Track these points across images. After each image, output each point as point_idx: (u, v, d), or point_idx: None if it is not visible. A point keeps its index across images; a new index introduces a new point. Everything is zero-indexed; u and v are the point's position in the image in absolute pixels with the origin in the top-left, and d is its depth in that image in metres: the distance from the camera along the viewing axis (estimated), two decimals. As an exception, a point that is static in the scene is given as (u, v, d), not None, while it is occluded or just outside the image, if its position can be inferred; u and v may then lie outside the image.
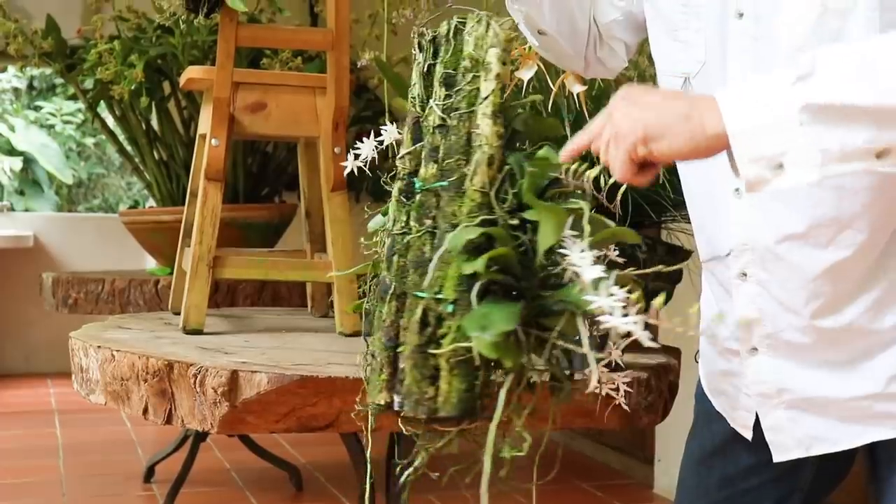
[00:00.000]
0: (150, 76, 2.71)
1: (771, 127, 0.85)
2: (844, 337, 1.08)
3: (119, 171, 7.80)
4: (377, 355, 0.95)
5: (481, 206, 0.90)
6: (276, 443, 3.57)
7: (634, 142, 0.88)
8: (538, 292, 0.87)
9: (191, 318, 1.63)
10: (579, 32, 1.27)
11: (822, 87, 0.84)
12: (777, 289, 1.09)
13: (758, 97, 0.86)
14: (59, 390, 4.75)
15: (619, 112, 0.90)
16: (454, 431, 0.91)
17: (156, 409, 1.32)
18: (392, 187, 1.01)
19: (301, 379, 1.23)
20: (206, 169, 1.68)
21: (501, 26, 0.94)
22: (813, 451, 1.14)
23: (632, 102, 0.91)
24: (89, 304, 2.60)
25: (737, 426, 1.20)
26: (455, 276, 0.87)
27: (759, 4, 1.04)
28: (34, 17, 3.11)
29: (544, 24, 1.23)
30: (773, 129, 0.85)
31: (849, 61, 0.86)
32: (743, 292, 1.11)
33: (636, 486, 3.37)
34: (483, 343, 0.82)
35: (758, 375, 1.14)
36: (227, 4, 1.64)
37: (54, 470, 3.38)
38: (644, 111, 0.89)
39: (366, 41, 2.82)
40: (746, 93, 0.87)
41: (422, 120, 1.00)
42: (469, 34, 0.97)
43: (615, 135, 0.90)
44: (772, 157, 0.85)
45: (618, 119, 0.90)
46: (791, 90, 0.85)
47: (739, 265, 1.11)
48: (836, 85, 0.85)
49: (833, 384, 1.10)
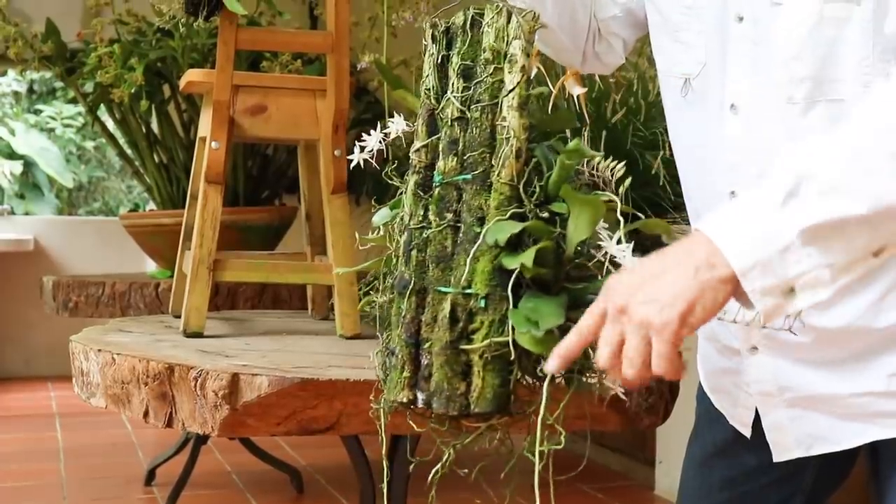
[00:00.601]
0: (150, 79, 2.71)
1: (775, 260, 0.82)
2: (844, 336, 1.08)
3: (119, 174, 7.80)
4: (398, 352, 0.93)
5: (510, 200, 0.89)
6: (276, 445, 3.57)
7: (675, 329, 0.81)
8: (564, 285, 0.86)
9: (191, 320, 1.63)
10: (579, 26, 1.27)
11: (813, 205, 0.82)
12: None
13: (753, 230, 0.83)
14: (60, 393, 4.74)
15: (634, 303, 0.82)
16: (483, 427, 0.90)
17: (156, 412, 1.32)
18: (400, 181, 1.00)
19: (302, 382, 1.23)
20: (206, 172, 1.68)
21: (524, 17, 0.94)
22: (814, 450, 1.14)
23: (638, 289, 0.83)
24: (90, 307, 2.60)
25: (736, 424, 1.20)
26: (486, 271, 0.86)
27: (758, 9, 1.05)
28: (34, 20, 3.11)
29: (546, 18, 1.23)
30: (777, 261, 0.82)
31: (836, 164, 0.83)
32: None
33: (637, 488, 3.37)
34: (529, 338, 0.81)
35: (758, 374, 1.14)
36: (227, 7, 1.64)
37: (55, 473, 3.37)
38: (659, 293, 0.82)
39: (366, 44, 2.82)
40: (740, 226, 0.84)
41: (437, 112, 0.98)
42: (489, 25, 0.96)
43: (648, 331, 0.82)
44: (783, 286, 0.83)
45: (638, 311, 0.82)
46: (783, 213, 0.83)
47: None
48: (827, 199, 0.82)
49: (834, 382, 1.10)
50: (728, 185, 1.09)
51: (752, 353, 1.14)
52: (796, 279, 0.83)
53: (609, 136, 1.60)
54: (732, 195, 1.08)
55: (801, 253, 0.82)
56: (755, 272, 0.82)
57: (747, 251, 0.82)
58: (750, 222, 0.83)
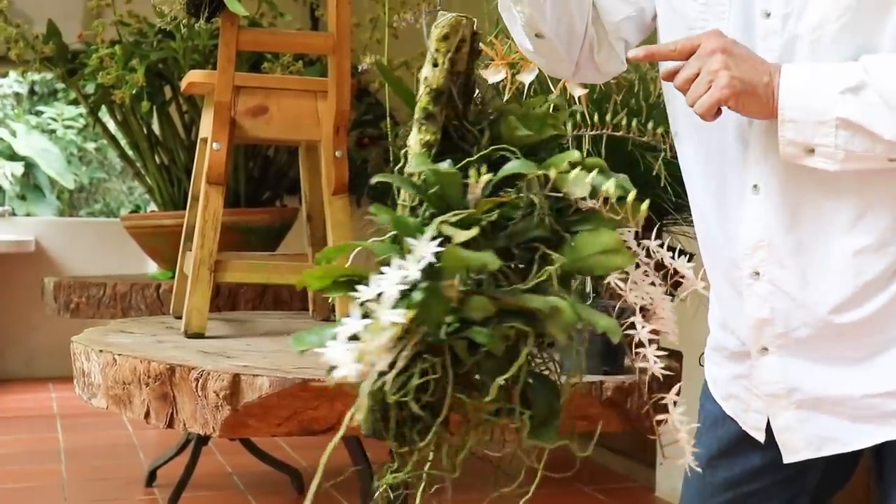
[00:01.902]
0: (152, 80, 2.71)
1: (812, 123, 1.01)
2: (861, 331, 1.08)
3: (120, 175, 7.81)
4: None
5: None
6: (277, 446, 3.57)
7: (729, 95, 1.01)
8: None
9: (192, 321, 1.63)
10: (576, 35, 1.26)
11: (860, 108, 1.00)
12: (792, 286, 1.09)
13: (812, 94, 1.01)
14: (61, 395, 4.74)
15: (717, 61, 1.01)
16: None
17: (157, 413, 1.32)
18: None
19: (303, 382, 1.23)
20: (207, 173, 1.68)
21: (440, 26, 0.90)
22: (823, 451, 1.14)
23: (730, 55, 1.02)
24: (91, 308, 2.60)
25: (749, 429, 1.20)
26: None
27: (788, 4, 1.05)
28: (35, 21, 3.12)
29: (544, 27, 1.23)
30: (813, 125, 1.01)
31: (890, 91, 0.99)
32: (755, 292, 1.11)
33: (638, 490, 3.37)
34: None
35: (768, 376, 1.14)
36: (228, 8, 1.64)
37: (56, 474, 3.38)
38: (740, 69, 1.01)
39: (367, 45, 2.82)
40: (805, 85, 1.02)
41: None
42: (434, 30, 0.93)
43: (714, 81, 1.01)
44: (806, 145, 1.02)
45: (716, 66, 1.01)
46: (837, 99, 1.00)
47: (752, 264, 1.11)
48: (871, 111, 0.99)
49: (846, 382, 1.10)
50: (753, 179, 1.09)
51: (762, 353, 1.14)
52: (818, 146, 1.01)
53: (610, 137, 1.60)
54: (755, 189, 1.09)
55: (831, 131, 1.00)
56: (792, 124, 1.02)
57: (796, 106, 1.01)
58: (812, 89, 1.01)
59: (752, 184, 1.10)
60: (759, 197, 1.09)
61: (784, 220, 1.08)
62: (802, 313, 1.09)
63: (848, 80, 1.00)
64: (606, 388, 1.33)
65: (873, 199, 1.06)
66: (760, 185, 1.09)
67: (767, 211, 1.09)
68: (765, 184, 1.09)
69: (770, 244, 1.09)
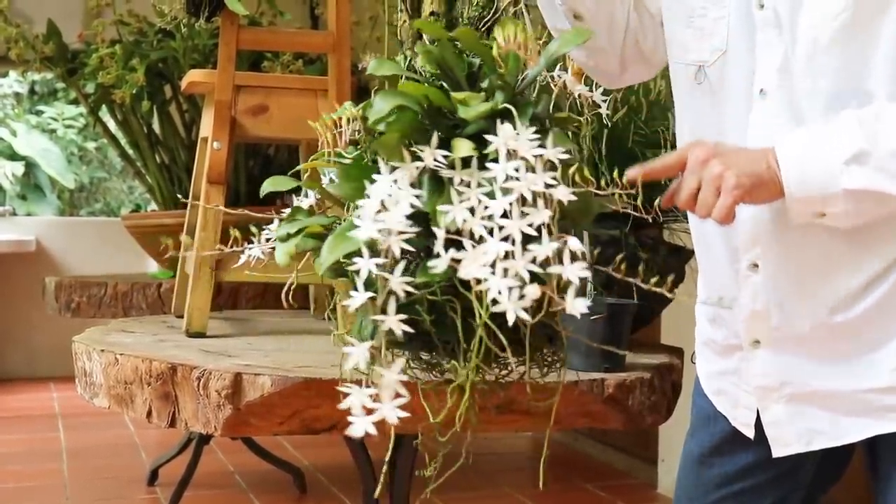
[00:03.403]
0: (152, 80, 2.71)
1: (819, 198, 1.01)
2: (857, 327, 1.08)
3: (121, 174, 7.81)
4: None
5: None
6: (279, 445, 3.57)
7: (742, 194, 1.00)
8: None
9: (194, 321, 1.63)
10: (616, 23, 1.24)
11: (867, 176, 0.99)
12: (789, 279, 1.09)
13: (813, 169, 1.00)
14: (62, 394, 4.75)
15: (715, 166, 1.00)
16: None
17: (159, 412, 1.32)
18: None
19: (304, 381, 1.23)
20: (207, 172, 1.68)
21: None
22: (814, 445, 1.14)
23: (723, 157, 1.01)
24: (92, 308, 2.60)
25: (738, 425, 1.20)
26: None
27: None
28: (35, 21, 3.11)
29: (583, 8, 1.22)
30: (821, 200, 1.01)
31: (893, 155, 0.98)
32: (751, 284, 1.11)
33: (640, 487, 3.37)
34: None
35: (760, 368, 1.14)
36: (228, 8, 1.64)
37: (58, 474, 3.38)
38: (739, 166, 1.00)
39: (367, 43, 2.82)
40: (802, 161, 1.01)
41: None
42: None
43: (722, 185, 1.00)
44: (816, 213, 1.02)
45: (717, 170, 1.00)
46: (841, 170, 0.99)
47: (750, 256, 1.11)
48: (880, 177, 0.99)
49: (837, 377, 1.10)
50: None
51: (754, 346, 1.14)
52: (828, 213, 1.02)
53: (610, 134, 1.60)
54: None
55: (839, 201, 1.00)
56: (800, 203, 1.01)
57: (800, 184, 1.00)
58: (812, 167, 1.00)
59: None
60: None
61: (781, 214, 1.08)
62: (798, 307, 1.09)
63: (848, 148, 0.99)
64: (608, 386, 1.33)
65: None
66: None
67: (766, 204, 1.09)
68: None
69: (768, 237, 1.09)
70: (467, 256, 0.78)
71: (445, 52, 0.87)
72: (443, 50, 0.88)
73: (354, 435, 0.75)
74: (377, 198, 0.80)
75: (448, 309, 0.82)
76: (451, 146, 0.82)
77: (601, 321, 1.35)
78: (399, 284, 0.78)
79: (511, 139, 0.81)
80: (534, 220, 0.79)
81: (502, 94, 0.86)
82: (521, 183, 0.79)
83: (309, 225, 0.89)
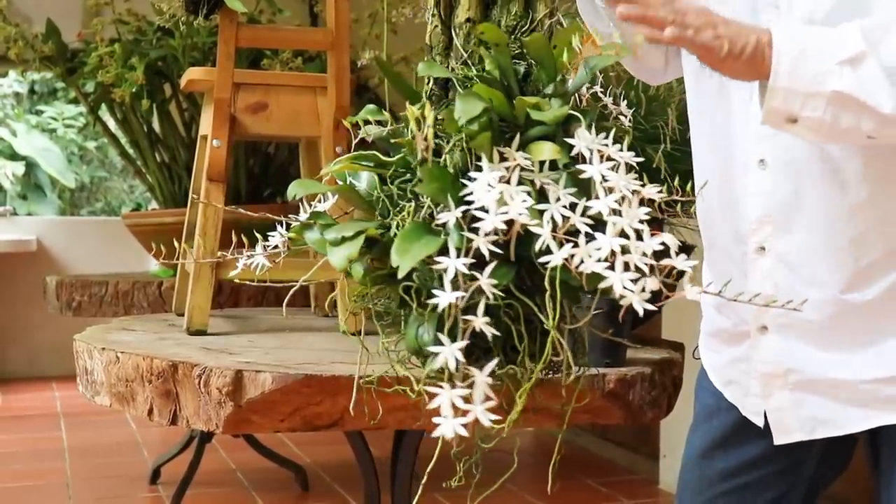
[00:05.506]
0: (151, 78, 2.71)
1: (802, 94, 0.96)
2: (865, 314, 1.08)
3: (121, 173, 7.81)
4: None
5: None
6: (281, 443, 3.58)
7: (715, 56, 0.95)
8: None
9: (194, 319, 1.63)
10: None
11: (858, 81, 0.94)
12: (798, 262, 1.09)
13: (806, 61, 0.95)
14: (64, 393, 4.75)
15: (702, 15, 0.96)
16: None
17: (161, 410, 1.33)
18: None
19: (305, 378, 1.23)
20: (207, 170, 1.68)
21: None
22: (816, 434, 1.14)
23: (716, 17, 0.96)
24: (93, 306, 2.60)
25: (749, 414, 1.20)
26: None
27: None
28: (34, 21, 3.12)
29: None
30: (802, 96, 0.96)
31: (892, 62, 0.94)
32: (759, 267, 1.11)
33: (642, 482, 3.37)
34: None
35: (766, 355, 1.14)
36: (227, 5, 1.64)
37: (60, 473, 3.38)
38: (728, 30, 0.96)
39: (366, 40, 2.82)
40: (798, 50, 0.96)
41: None
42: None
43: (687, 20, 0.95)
44: (790, 115, 0.97)
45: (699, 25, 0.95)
46: (833, 70, 0.95)
47: (758, 239, 1.11)
48: (870, 84, 0.94)
49: (843, 366, 1.10)
50: (757, 155, 1.10)
51: (761, 332, 1.14)
52: (803, 117, 0.97)
53: (610, 130, 1.59)
54: (762, 163, 1.09)
55: (821, 104, 0.95)
56: (780, 92, 0.96)
57: (788, 76, 0.95)
58: (806, 58, 0.96)
59: (759, 158, 1.10)
60: (766, 172, 1.09)
61: (790, 196, 1.08)
62: (809, 290, 1.09)
63: (847, 49, 0.96)
64: (609, 381, 1.33)
65: (880, 175, 1.05)
66: (767, 159, 1.09)
67: (774, 185, 1.09)
68: (772, 158, 1.09)
69: (777, 219, 1.09)
70: (577, 252, 0.80)
71: (504, 57, 0.89)
72: (503, 55, 0.89)
73: (445, 435, 0.76)
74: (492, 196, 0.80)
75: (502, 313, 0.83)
76: (529, 150, 0.84)
77: (601, 316, 1.35)
78: (488, 285, 0.79)
79: (591, 142, 0.84)
80: (635, 217, 0.82)
81: (558, 101, 0.89)
82: (623, 183, 0.82)
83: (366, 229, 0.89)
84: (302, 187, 0.98)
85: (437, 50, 0.96)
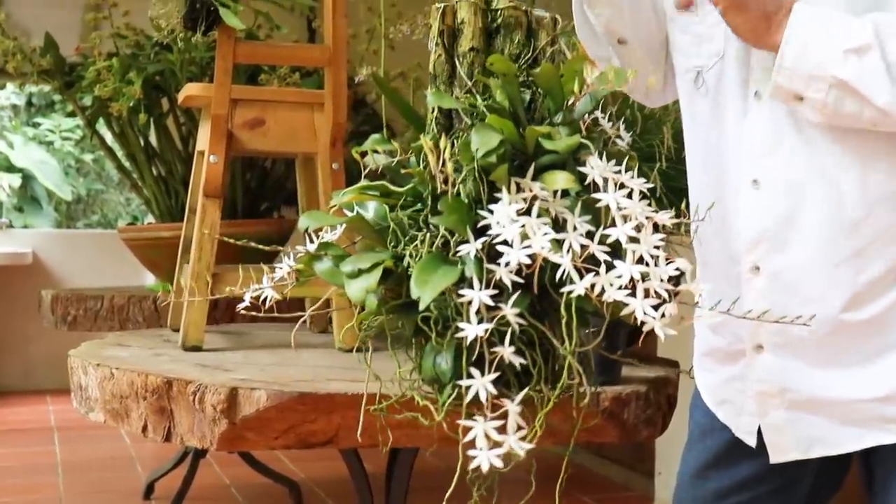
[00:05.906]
0: (149, 93, 2.71)
1: (805, 75, 1.01)
2: (861, 333, 1.08)
3: (118, 187, 7.81)
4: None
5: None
6: (275, 458, 3.57)
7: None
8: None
9: (190, 334, 1.63)
10: (654, 36, 1.25)
11: (859, 71, 0.98)
12: (794, 280, 1.09)
13: (814, 45, 1.00)
14: (59, 407, 4.73)
15: None
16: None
17: (155, 427, 1.32)
18: None
19: (300, 395, 1.23)
20: (204, 186, 1.68)
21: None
22: (812, 453, 1.14)
23: None
24: (88, 321, 2.60)
25: (741, 434, 1.20)
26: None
27: None
28: (33, 34, 3.12)
29: (625, 31, 1.22)
30: (806, 77, 1.01)
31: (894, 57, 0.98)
32: (754, 287, 1.11)
33: (637, 499, 3.37)
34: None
35: (762, 374, 1.14)
36: (225, 21, 1.64)
37: (54, 488, 3.37)
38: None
39: (363, 56, 2.83)
40: (810, 33, 1.01)
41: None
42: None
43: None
44: (797, 94, 1.02)
45: None
46: (838, 58, 0.99)
47: (752, 259, 1.11)
48: (870, 76, 0.98)
49: (838, 385, 1.10)
50: (750, 175, 1.10)
51: (757, 351, 1.14)
52: (806, 98, 1.02)
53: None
54: (755, 183, 1.09)
55: (824, 87, 1.00)
56: (787, 72, 1.02)
57: (797, 57, 1.01)
58: (815, 42, 1.01)
59: (752, 178, 1.10)
60: (759, 191, 1.09)
61: (784, 215, 1.08)
62: (802, 309, 1.09)
63: (855, 40, 0.99)
64: (604, 399, 1.33)
65: (876, 192, 1.05)
66: (760, 179, 1.09)
67: (768, 205, 1.09)
68: (765, 178, 1.09)
69: (771, 238, 1.09)
70: (598, 281, 0.80)
71: (513, 87, 0.90)
72: (511, 85, 0.90)
73: (482, 467, 0.76)
74: (514, 229, 0.80)
75: (517, 339, 0.84)
76: (543, 179, 0.85)
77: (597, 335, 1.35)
78: (513, 315, 0.79)
79: (604, 170, 0.85)
80: (651, 243, 0.83)
81: (567, 129, 0.90)
82: (638, 210, 0.83)
83: (383, 260, 0.89)
84: (313, 219, 0.98)
85: (441, 79, 0.97)
